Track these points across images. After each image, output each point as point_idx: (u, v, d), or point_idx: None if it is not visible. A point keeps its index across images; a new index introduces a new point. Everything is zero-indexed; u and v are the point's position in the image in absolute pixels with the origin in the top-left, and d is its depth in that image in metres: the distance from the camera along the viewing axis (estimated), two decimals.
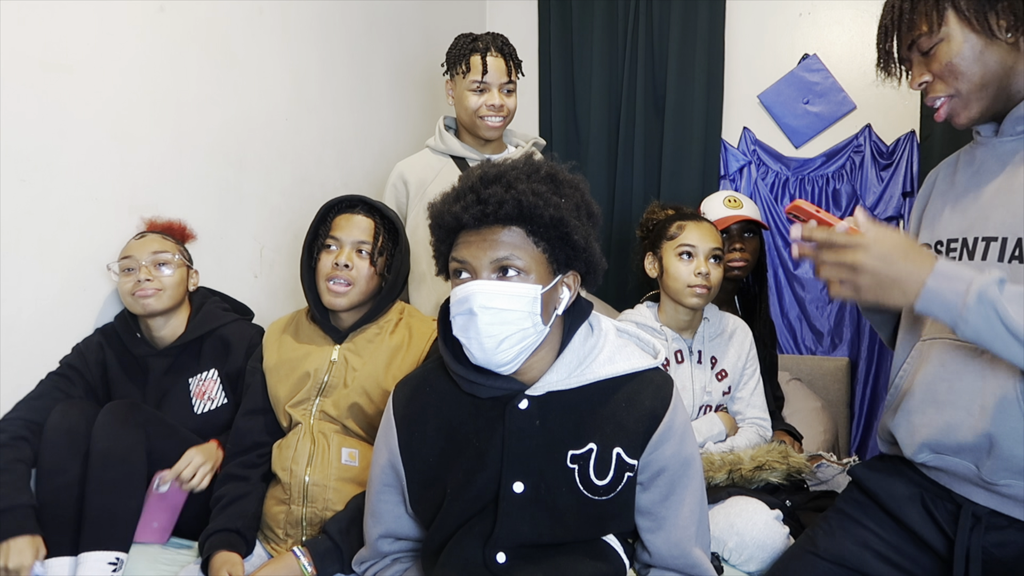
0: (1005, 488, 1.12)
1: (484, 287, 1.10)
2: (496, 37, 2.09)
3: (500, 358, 1.13)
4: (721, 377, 1.83)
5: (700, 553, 1.17)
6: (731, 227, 2.16)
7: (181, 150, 1.89)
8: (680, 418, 1.18)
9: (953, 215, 1.24)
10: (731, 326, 1.88)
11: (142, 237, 1.68)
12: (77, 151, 1.64)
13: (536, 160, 1.17)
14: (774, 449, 1.69)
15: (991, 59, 1.15)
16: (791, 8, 3.04)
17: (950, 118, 1.21)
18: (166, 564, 1.52)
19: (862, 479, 1.31)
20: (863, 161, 2.98)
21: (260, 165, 2.14)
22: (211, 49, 1.97)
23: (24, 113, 1.53)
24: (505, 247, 1.10)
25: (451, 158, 2.11)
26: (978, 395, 1.12)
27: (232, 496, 1.52)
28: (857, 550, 1.26)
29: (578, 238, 1.13)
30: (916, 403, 1.20)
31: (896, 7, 1.21)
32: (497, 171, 1.13)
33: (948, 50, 1.16)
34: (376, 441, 1.30)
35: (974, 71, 1.15)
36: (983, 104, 1.18)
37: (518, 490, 1.14)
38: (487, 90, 2.04)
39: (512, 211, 1.09)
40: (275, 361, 1.62)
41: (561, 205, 1.11)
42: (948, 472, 1.18)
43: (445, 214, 1.14)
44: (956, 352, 1.16)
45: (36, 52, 1.55)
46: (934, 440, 1.17)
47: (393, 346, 1.58)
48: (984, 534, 1.14)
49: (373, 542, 1.29)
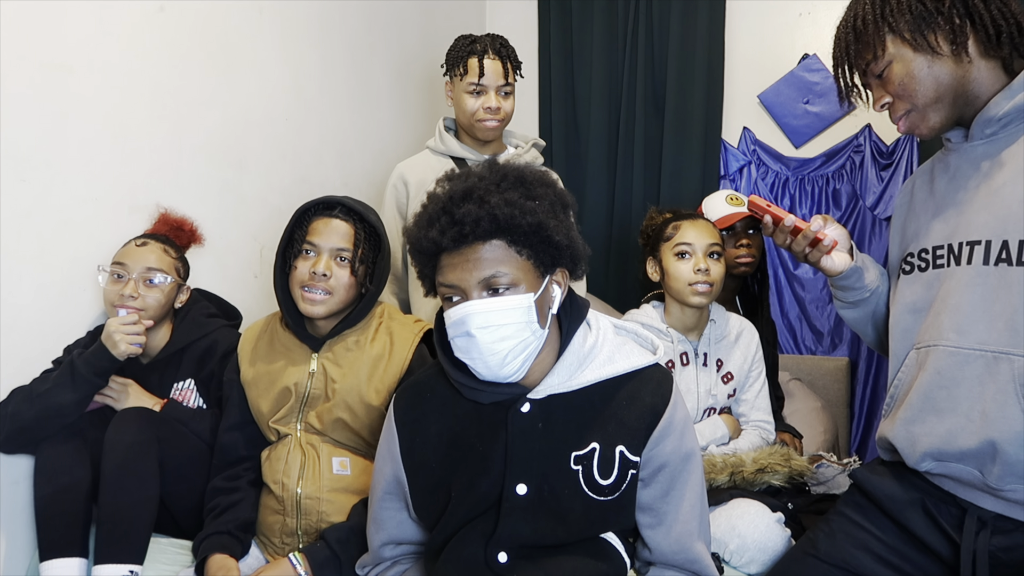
0: (1011, 493, 1.11)
1: (477, 307, 1.09)
2: (495, 39, 2.08)
3: (507, 371, 1.13)
4: (727, 380, 1.83)
5: (701, 548, 1.17)
6: (735, 224, 2.16)
7: (181, 150, 1.89)
8: (680, 414, 1.18)
9: (936, 223, 1.26)
10: (737, 328, 1.87)
11: (144, 244, 1.63)
12: (77, 151, 1.64)
13: (500, 166, 1.15)
14: (776, 452, 1.68)
15: (940, 73, 1.19)
16: (791, 8, 3.04)
17: (911, 131, 1.25)
18: (166, 564, 1.52)
19: (863, 482, 1.30)
20: (863, 161, 2.98)
21: (260, 165, 2.14)
22: (211, 49, 1.96)
23: (24, 113, 1.53)
24: (490, 264, 1.09)
25: (451, 159, 2.11)
26: (978, 401, 1.12)
27: (224, 505, 1.51)
28: (858, 553, 1.26)
29: (559, 238, 1.11)
30: (915, 412, 1.20)
31: (842, 40, 1.28)
32: (465, 187, 1.10)
33: (898, 71, 1.21)
34: (378, 449, 1.30)
35: (927, 86, 1.20)
36: (942, 115, 1.22)
37: (521, 492, 1.14)
38: (484, 92, 2.04)
39: (489, 226, 1.08)
40: (252, 375, 1.56)
41: (536, 209, 1.10)
42: (953, 479, 1.18)
43: (422, 240, 1.12)
44: (952, 358, 1.16)
45: (36, 52, 1.55)
46: (936, 449, 1.16)
47: (374, 355, 1.51)
48: (990, 538, 1.14)
49: (376, 549, 1.29)
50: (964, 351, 1.14)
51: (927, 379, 1.18)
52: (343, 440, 1.51)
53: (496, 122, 2.05)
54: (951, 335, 1.16)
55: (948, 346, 1.16)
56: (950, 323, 1.17)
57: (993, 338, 1.12)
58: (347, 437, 1.51)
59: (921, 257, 1.26)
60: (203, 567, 1.43)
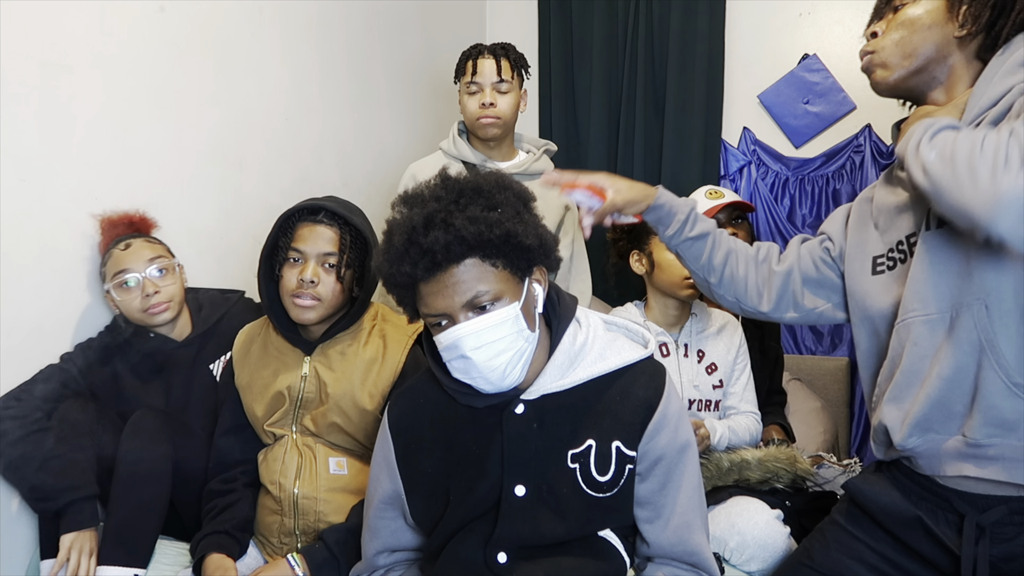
0: (991, 449, 1.10)
1: (467, 329, 1.08)
2: (497, 44, 2.11)
3: (509, 381, 1.13)
4: (711, 371, 1.83)
5: (700, 539, 1.17)
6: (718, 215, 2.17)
7: (181, 150, 1.89)
8: (674, 406, 1.18)
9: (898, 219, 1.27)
10: (720, 321, 1.89)
11: (128, 246, 1.62)
12: (77, 151, 1.64)
13: (453, 180, 1.14)
14: (781, 453, 1.69)
15: (934, 37, 1.20)
16: (791, 8, 3.04)
17: (868, 72, 1.27)
18: (166, 564, 1.52)
19: (856, 495, 1.29)
20: (863, 161, 2.98)
21: (260, 165, 2.14)
22: (211, 49, 1.97)
23: (24, 113, 1.53)
24: (469, 285, 1.08)
25: (463, 163, 2.12)
26: (951, 358, 1.12)
27: (221, 506, 1.51)
28: (852, 564, 1.25)
29: (530, 240, 1.10)
30: (901, 390, 1.19)
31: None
32: (425, 213, 1.08)
33: (911, 10, 1.22)
34: (373, 456, 1.29)
35: (915, 37, 1.20)
36: (900, 73, 1.23)
37: (520, 494, 1.14)
38: (480, 90, 2.05)
39: (460, 248, 1.06)
40: (247, 380, 1.56)
41: (501, 219, 1.08)
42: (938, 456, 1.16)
43: (396, 274, 1.10)
44: (923, 327, 1.16)
45: (36, 52, 1.55)
46: (923, 416, 1.15)
47: (367, 359, 1.50)
48: (991, 546, 1.12)
49: (370, 557, 1.29)
50: (932, 317, 1.15)
51: (907, 355, 1.18)
52: (339, 442, 1.51)
53: (492, 119, 2.04)
54: (915, 305, 1.17)
55: (916, 316, 1.17)
56: (911, 294, 1.18)
57: (951, 294, 1.13)
58: (342, 440, 1.51)
59: (876, 262, 1.29)
60: (200, 567, 1.43)
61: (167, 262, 1.64)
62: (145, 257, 1.61)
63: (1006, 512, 1.12)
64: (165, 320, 1.63)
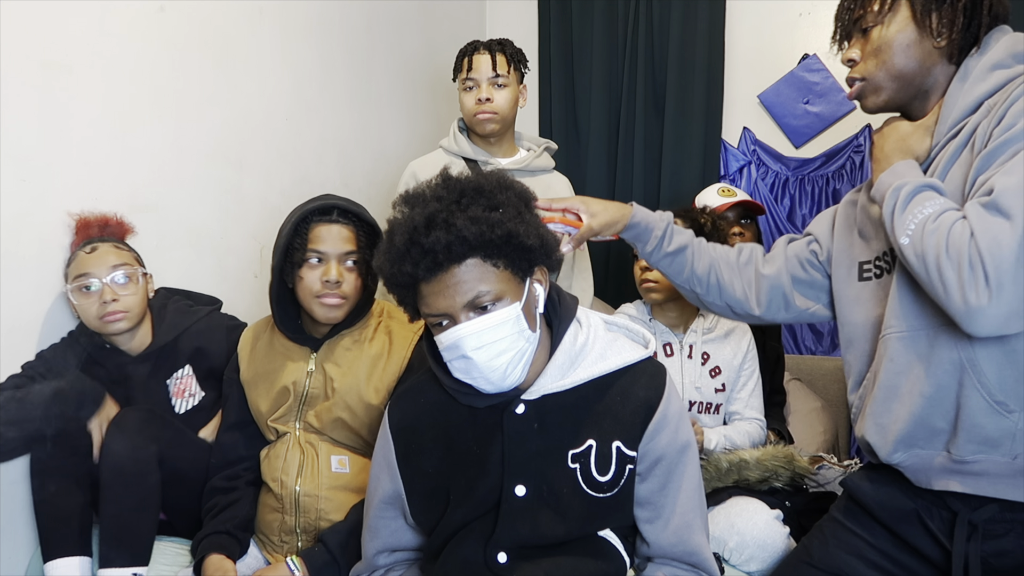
0: (976, 465, 1.12)
1: (468, 329, 1.08)
2: (493, 39, 2.11)
3: (510, 381, 1.13)
4: (715, 374, 1.83)
5: (700, 539, 1.17)
6: (727, 213, 2.17)
7: (181, 150, 1.89)
8: (675, 406, 1.18)
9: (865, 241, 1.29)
10: (729, 324, 1.88)
11: (94, 249, 1.57)
12: (77, 151, 1.64)
13: (455, 180, 1.13)
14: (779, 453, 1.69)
15: (916, 54, 1.20)
16: (791, 8, 3.04)
17: (859, 99, 1.27)
18: (166, 564, 1.52)
19: (854, 491, 1.30)
20: (863, 161, 2.98)
21: (260, 165, 2.14)
22: (211, 49, 1.97)
23: (24, 113, 1.53)
24: (470, 286, 1.08)
25: (463, 160, 2.12)
26: (930, 377, 1.13)
27: (223, 504, 1.51)
28: (851, 560, 1.26)
29: (531, 241, 1.10)
30: (880, 405, 1.20)
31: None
32: (426, 213, 1.08)
33: (883, 33, 1.21)
34: (373, 456, 1.29)
35: (897, 59, 1.21)
36: (890, 94, 1.24)
37: (520, 494, 1.14)
38: (476, 86, 2.05)
39: (461, 248, 1.06)
40: (252, 374, 1.56)
41: (503, 219, 1.08)
42: (925, 471, 1.17)
43: (397, 274, 1.10)
44: (900, 343, 1.17)
45: (36, 52, 1.55)
46: (906, 433, 1.16)
47: (373, 355, 1.51)
48: (982, 543, 1.14)
49: (370, 557, 1.29)
50: (907, 334, 1.16)
51: (884, 370, 1.19)
52: (342, 439, 1.51)
53: (489, 114, 2.04)
54: (893, 321, 1.18)
55: (894, 333, 1.18)
56: (891, 310, 1.19)
57: (928, 312, 1.13)
58: (346, 436, 1.51)
59: (862, 268, 1.29)
60: (200, 567, 1.43)
61: (132, 270, 1.58)
62: (109, 263, 1.56)
63: (997, 510, 1.13)
64: (120, 330, 1.58)
